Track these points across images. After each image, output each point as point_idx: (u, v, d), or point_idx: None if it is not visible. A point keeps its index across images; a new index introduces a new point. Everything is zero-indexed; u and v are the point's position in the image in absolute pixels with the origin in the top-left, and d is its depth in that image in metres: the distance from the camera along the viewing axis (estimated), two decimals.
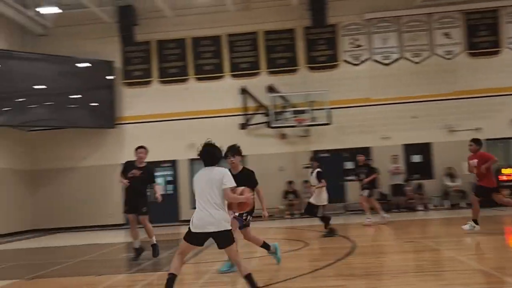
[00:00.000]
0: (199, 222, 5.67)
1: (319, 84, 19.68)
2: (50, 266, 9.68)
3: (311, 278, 7.06)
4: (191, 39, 20.39)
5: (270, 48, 20.19)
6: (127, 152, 20.21)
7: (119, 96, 20.41)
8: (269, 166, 19.56)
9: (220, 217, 5.66)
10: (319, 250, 10.45)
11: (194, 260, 9.60)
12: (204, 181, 5.82)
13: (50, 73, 19.32)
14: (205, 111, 19.93)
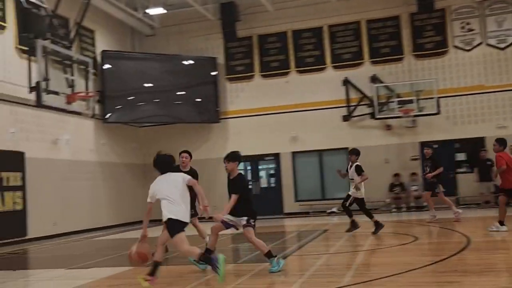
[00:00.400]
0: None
1: (426, 73, 18.93)
2: (164, 254, 10.06)
3: (422, 273, 6.76)
4: (292, 32, 20.36)
5: (373, 37, 19.65)
6: (230, 146, 20.65)
7: (223, 91, 20.87)
8: (373, 159, 19.09)
9: (174, 209, 6.68)
10: (429, 244, 10.03)
11: (298, 253, 9.59)
12: (166, 184, 6.79)
13: (157, 72, 20.17)
14: (307, 103, 19.83)
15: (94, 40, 18.71)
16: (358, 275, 6.91)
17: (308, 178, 20.13)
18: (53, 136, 16.04)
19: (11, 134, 14.37)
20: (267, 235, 12.93)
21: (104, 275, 7.97)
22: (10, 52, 14.61)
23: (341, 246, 10.07)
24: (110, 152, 19.25)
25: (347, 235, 11.34)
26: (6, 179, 13.82)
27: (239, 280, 6.97)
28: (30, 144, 15.00)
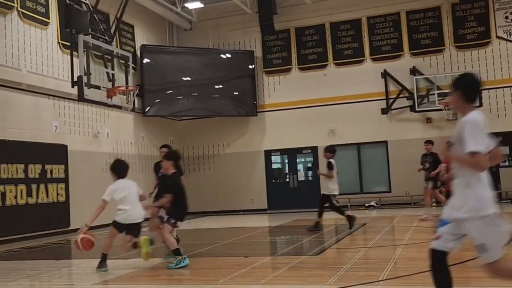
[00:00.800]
0: (134, 216, 7.77)
1: (468, 64, 18.51)
2: (202, 246, 10.22)
3: (464, 269, 6.64)
4: (330, 24, 20.19)
5: (413, 29, 19.31)
6: (268, 139, 20.74)
7: (260, 84, 20.89)
8: (413, 152, 18.77)
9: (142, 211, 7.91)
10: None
11: (336, 246, 9.55)
12: (132, 187, 7.90)
13: (195, 66, 20.34)
14: (345, 96, 19.66)
15: (133, 34, 19.00)
16: (398, 269, 6.85)
17: (346, 171, 19.92)
18: (94, 129, 16.40)
19: (55, 127, 14.77)
20: (305, 228, 12.94)
21: (145, 266, 8.12)
22: (53, 47, 14.99)
23: (380, 240, 9.99)
24: (149, 145, 19.55)
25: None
26: (50, 172, 14.21)
27: (276, 273, 7.00)
28: (73, 137, 15.37)
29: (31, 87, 13.97)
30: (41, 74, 14.37)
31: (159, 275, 7.36)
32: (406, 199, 18.79)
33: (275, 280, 6.55)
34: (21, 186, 13.26)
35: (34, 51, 14.27)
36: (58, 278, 7.72)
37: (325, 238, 11.17)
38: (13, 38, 13.59)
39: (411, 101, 18.78)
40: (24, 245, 12.15)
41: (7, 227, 12.71)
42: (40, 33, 14.54)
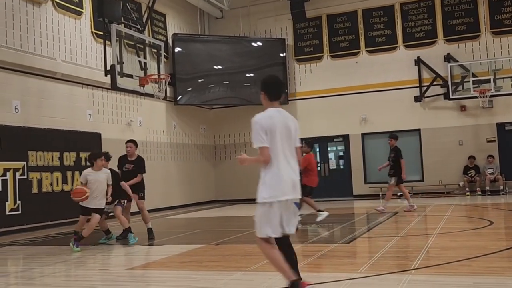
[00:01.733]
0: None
1: (504, 50, 18.08)
2: (232, 234, 10.30)
3: (497, 258, 6.54)
4: (362, 11, 19.93)
5: (448, 15, 18.90)
6: (299, 127, 20.63)
7: (291, 72, 20.80)
8: (447, 140, 18.57)
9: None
10: (505, 229, 9.66)
11: (368, 235, 9.50)
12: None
13: (226, 54, 20.37)
14: (377, 84, 19.43)
15: (165, 23, 19.12)
16: (429, 258, 6.77)
17: (378, 160, 19.74)
18: (127, 117, 16.62)
19: (89, 116, 15.02)
20: (336, 216, 12.89)
21: (176, 252, 8.23)
22: (87, 37, 15.21)
23: (412, 229, 9.89)
24: (181, 133, 19.72)
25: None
26: (84, 159, 14.44)
27: (306, 261, 7.00)
28: (106, 126, 15.61)
29: (66, 76, 14.22)
30: (75, 63, 14.62)
31: (190, 261, 7.45)
32: (439, 188, 18.53)
33: (305, 268, 6.55)
34: (56, 174, 13.56)
35: (68, 40, 14.51)
36: (92, 263, 7.89)
37: (356, 226, 11.12)
38: (48, 28, 13.84)
39: (445, 88, 18.44)
40: (59, 231, 12.45)
41: (43, 213, 13.03)
42: (74, 22, 14.77)
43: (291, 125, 4.71)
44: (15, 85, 12.76)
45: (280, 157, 4.53)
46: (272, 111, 4.71)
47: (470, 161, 18.18)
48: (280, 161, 4.52)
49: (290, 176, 4.53)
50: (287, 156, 4.59)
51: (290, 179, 4.52)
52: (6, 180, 12.12)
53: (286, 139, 4.63)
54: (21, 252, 9.45)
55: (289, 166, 4.56)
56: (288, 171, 4.52)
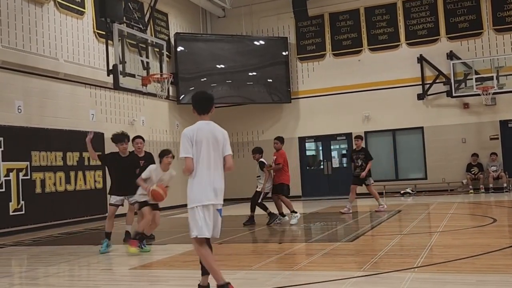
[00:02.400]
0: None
1: (507, 48, 18.04)
2: (236, 233, 10.30)
3: (500, 256, 6.53)
4: (364, 9, 19.91)
5: (450, 12, 18.86)
6: (302, 126, 20.67)
7: (294, 71, 20.79)
8: (449, 138, 18.56)
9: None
10: (509, 227, 9.63)
11: (371, 233, 9.50)
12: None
13: (229, 53, 20.37)
14: (380, 82, 19.41)
15: (167, 23, 19.13)
16: (433, 256, 6.77)
17: (381, 158, 19.76)
18: (130, 117, 16.64)
19: (92, 115, 15.05)
20: (339, 215, 12.89)
21: (179, 252, 8.24)
22: (89, 36, 15.24)
23: (415, 227, 9.88)
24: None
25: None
26: (87, 159, 14.50)
27: (309, 259, 7.00)
28: (109, 125, 15.63)
29: (68, 76, 14.25)
30: (77, 63, 14.64)
31: (193, 261, 7.45)
32: (442, 186, 18.50)
33: (308, 267, 6.56)
34: (59, 173, 13.60)
35: (71, 40, 14.54)
36: (96, 262, 7.90)
37: (360, 225, 11.11)
38: (50, 28, 13.87)
39: (448, 86, 18.41)
40: (63, 231, 12.48)
41: (47, 213, 13.06)
42: (76, 22, 14.79)
43: (218, 136, 5.11)
44: (18, 86, 12.78)
45: (205, 166, 4.97)
46: (201, 124, 5.15)
47: (473, 158, 18.15)
48: (204, 170, 4.96)
49: (213, 183, 4.97)
50: (212, 165, 5.00)
51: (213, 187, 4.96)
52: (10, 180, 12.15)
53: (214, 149, 5.03)
54: (25, 252, 9.48)
55: (214, 174, 4.99)
56: (211, 179, 4.96)
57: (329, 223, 11.64)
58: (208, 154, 5.01)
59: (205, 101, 5.24)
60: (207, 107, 5.21)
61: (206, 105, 5.22)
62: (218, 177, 5.04)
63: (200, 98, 5.27)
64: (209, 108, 5.22)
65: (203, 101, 5.24)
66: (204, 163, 4.98)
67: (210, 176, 4.98)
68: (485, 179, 17.83)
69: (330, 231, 10.30)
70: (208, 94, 5.36)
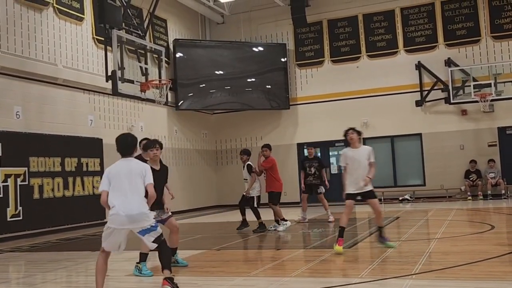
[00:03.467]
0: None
1: (505, 55, 18.10)
2: (234, 239, 10.29)
3: (498, 263, 6.53)
4: (362, 16, 19.96)
5: (448, 19, 18.92)
6: (301, 132, 20.69)
7: (292, 77, 20.83)
8: (448, 145, 18.58)
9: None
10: (507, 233, 9.63)
11: (369, 239, 9.49)
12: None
13: (228, 59, 20.41)
14: (379, 88, 19.44)
15: (166, 29, 19.17)
16: (431, 263, 6.77)
17: (379, 164, 19.56)
18: (128, 123, 16.64)
19: (90, 121, 15.05)
20: (337, 221, 12.86)
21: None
22: (88, 42, 15.26)
23: (413, 234, 9.88)
24: (183, 139, 19.73)
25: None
26: (86, 165, 14.50)
27: (307, 265, 7.00)
28: (107, 131, 15.63)
29: (67, 81, 14.26)
30: (76, 69, 14.66)
31: (191, 267, 7.45)
32: (440, 192, 18.51)
33: (306, 273, 6.55)
34: (58, 179, 13.58)
35: (70, 46, 14.56)
36: (93, 269, 7.87)
37: (358, 231, 11.10)
38: (49, 34, 13.89)
39: (446, 93, 18.45)
40: (61, 237, 12.45)
41: (44, 219, 13.04)
42: (75, 28, 14.82)
43: (134, 169, 5.58)
44: (16, 91, 12.79)
45: (122, 196, 5.41)
46: (119, 162, 5.76)
47: (471, 165, 18.16)
48: (121, 199, 5.39)
49: (127, 211, 5.36)
50: (129, 194, 5.43)
51: (126, 214, 5.36)
52: (7, 186, 12.13)
53: (129, 181, 5.49)
54: (23, 258, 9.46)
55: (130, 202, 5.40)
56: (126, 207, 5.36)
57: (327, 229, 11.63)
58: (125, 185, 5.52)
59: (122, 144, 5.92)
60: (125, 149, 5.88)
61: (124, 147, 5.90)
62: (134, 204, 5.47)
63: (118, 141, 5.95)
64: (127, 150, 5.87)
65: (121, 145, 5.91)
66: (121, 193, 5.48)
67: (125, 204, 5.43)
68: (483, 185, 17.84)
69: (328, 238, 10.29)
70: (127, 137, 6.01)
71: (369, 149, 8.24)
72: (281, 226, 11.23)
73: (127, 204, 5.38)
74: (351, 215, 8.91)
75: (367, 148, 8.28)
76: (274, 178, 11.50)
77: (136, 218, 5.42)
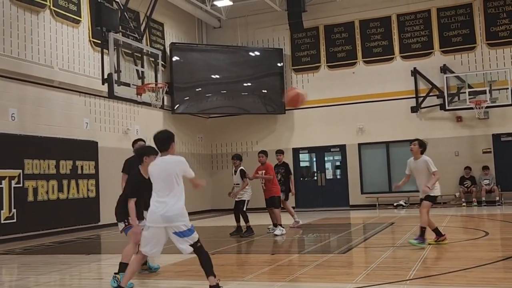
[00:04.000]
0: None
1: (500, 62, 18.19)
2: (228, 243, 10.28)
3: (492, 269, 6.55)
4: (359, 22, 20.04)
5: (444, 26, 19.01)
6: (296, 137, 20.71)
7: (289, 82, 20.86)
8: (443, 151, 18.59)
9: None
10: (501, 240, 9.67)
11: (364, 245, 9.50)
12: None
13: (224, 63, 20.43)
14: (374, 94, 19.50)
15: (163, 32, 19.18)
16: (425, 269, 6.78)
17: (374, 170, 19.84)
18: (124, 126, 16.62)
19: (86, 124, 15.03)
20: (332, 226, 12.89)
21: (171, 262, 8.20)
22: (85, 45, 15.26)
23: (408, 239, 9.87)
24: (178, 142, 19.70)
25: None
26: (81, 168, 14.47)
27: (302, 270, 7.00)
28: (103, 134, 15.61)
29: (63, 84, 14.24)
30: (72, 72, 14.65)
31: (185, 271, 7.44)
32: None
33: (301, 278, 6.55)
34: (52, 182, 13.54)
35: (66, 48, 14.55)
36: (87, 272, 7.87)
37: (353, 236, 11.12)
38: (45, 36, 13.88)
39: (441, 99, 18.52)
40: (55, 240, 12.40)
41: (39, 221, 12.99)
42: (72, 31, 14.81)
43: (169, 168, 5.62)
44: (12, 93, 12.76)
45: (155, 195, 5.61)
46: (157, 160, 5.97)
47: (466, 171, 18.22)
48: (154, 199, 5.59)
49: (160, 210, 5.50)
50: (161, 194, 5.56)
51: (159, 213, 5.49)
52: (2, 188, 12.08)
53: (163, 181, 5.59)
54: (16, 261, 9.42)
55: (162, 202, 5.53)
56: (159, 206, 5.51)
57: (322, 235, 11.63)
58: (158, 185, 5.70)
59: (159, 141, 6.02)
60: (161, 146, 5.99)
61: (160, 144, 6.01)
62: (168, 203, 5.61)
63: (155, 138, 6.07)
64: (163, 147, 5.95)
65: (157, 141, 6.02)
66: (154, 193, 5.72)
67: (158, 204, 5.63)
68: (477, 192, 17.90)
69: (323, 243, 10.30)
70: (164, 133, 6.14)
71: (426, 160, 8.75)
72: (278, 230, 11.21)
73: (161, 202, 5.65)
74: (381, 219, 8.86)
75: (424, 159, 8.76)
76: (273, 182, 11.50)
77: (168, 217, 5.58)
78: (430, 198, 8.65)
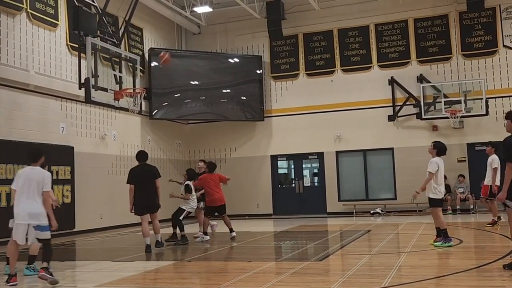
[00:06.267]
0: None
1: (474, 72, 18.47)
2: (206, 250, 10.23)
3: (466, 277, 6.63)
4: (337, 31, 20.19)
5: (420, 36, 19.27)
6: (274, 144, 20.75)
7: (268, 89, 20.91)
8: (419, 159, 18.73)
9: None
10: (475, 248, 9.80)
11: (340, 252, 9.54)
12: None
13: (203, 70, 20.39)
14: (352, 103, 19.64)
15: (142, 37, 19.08)
16: (401, 276, 6.83)
17: (352, 178, 19.96)
18: (101, 131, 16.46)
19: (62, 129, 14.85)
20: (309, 233, 12.92)
21: (147, 269, 8.13)
22: (62, 49, 15.09)
23: (383, 247, 9.96)
24: (156, 148, 19.58)
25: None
26: (56, 173, 14.26)
27: (278, 278, 6.99)
28: (79, 139, 15.44)
29: (39, 88, 14.05)
30: (48, 76, 14.47)
31: (161, 278, 7.38)
32: (411, 206, 18.69)
33: (277, 285, 6.54)
34: None
35: (42, 52, 14.37)
36: (61, 279, 7.74)
37: (330, 244, 11.15)
38: (21, 39, 13.69)
39: (417, 108, 18.73)
40: (28, 246, 12.17)
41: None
42: (49, 34, 14.64)
43: (35, 177, 7.44)
44: None
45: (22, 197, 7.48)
46: (25, 169, 7.50)
47: None
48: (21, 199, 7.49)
49: (25, 209, 7.60)
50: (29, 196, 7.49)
51: (26, 211, 7.61)
52: None
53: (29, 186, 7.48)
54: None
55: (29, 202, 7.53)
56: (24, 206, 7.56)
57: (299, 242, 11.65)
58: (27, 188, 7.49)
59: (32, 153, 7.53)
60: (32, 156, 7.49)
61: (32, 155, 7.52)
62: (33, 204, 7.60)
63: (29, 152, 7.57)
64: (34, 158, 7.53)
65: (30, 153, 7.50)
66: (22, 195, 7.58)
67: (24, 204, 7.57)
68: (452, 200, 18.12)
69: (300, 250, 10.31)
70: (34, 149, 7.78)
71: (429, 161, 10.18)
72: (200, 238, 11.74)
73: (28, 203, 7.67)
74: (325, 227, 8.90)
75: (430, 160, 10.07)
76: (209, 193, 12.03)
77: (33, 215, 7.67)
78: (434, 203, 9.96)
